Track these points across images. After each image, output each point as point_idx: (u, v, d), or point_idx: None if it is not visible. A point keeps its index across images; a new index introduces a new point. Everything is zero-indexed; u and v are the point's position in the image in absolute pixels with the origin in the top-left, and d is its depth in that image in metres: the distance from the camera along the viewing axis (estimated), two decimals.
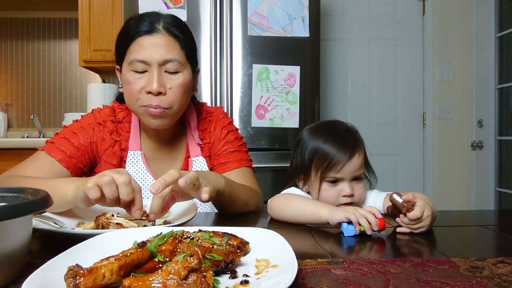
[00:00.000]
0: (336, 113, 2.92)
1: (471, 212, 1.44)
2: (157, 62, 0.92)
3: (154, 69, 0.92)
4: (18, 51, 3.18)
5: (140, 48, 0.93)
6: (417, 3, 2.91)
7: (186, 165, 1.08)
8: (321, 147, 0.92)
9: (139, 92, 0.94)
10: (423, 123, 2.94)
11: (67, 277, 0.41)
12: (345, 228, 0.73)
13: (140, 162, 1.04)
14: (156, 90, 0.92)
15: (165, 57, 0.93)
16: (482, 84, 2.77)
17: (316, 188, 0.93)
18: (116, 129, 1.05)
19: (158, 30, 0.94)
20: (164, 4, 2.13)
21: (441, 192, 2.91)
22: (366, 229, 0.72)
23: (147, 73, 0.93)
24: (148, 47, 0.92)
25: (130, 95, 0.96)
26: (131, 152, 1.04)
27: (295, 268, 0.45)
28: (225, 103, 2.15)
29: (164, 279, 0.41)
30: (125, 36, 0.96)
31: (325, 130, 0.96)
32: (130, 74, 0.94)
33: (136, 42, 0.94)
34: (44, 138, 2.98)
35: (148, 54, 0.92)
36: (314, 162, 0.93)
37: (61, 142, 0.99)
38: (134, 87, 0.94)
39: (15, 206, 0.46)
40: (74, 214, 0.83)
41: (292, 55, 2.17)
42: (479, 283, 0.48)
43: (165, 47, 0.93)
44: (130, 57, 0.94)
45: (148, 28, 0.93)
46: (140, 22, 0.95)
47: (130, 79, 0.94)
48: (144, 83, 0.93)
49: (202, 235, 0.55)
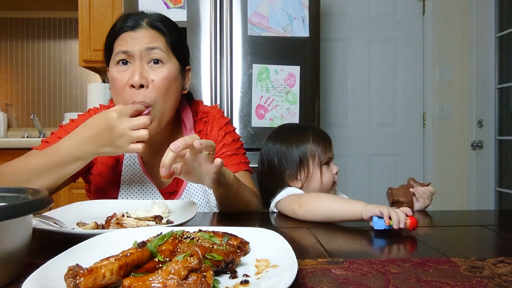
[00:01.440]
0: (336, 113, 2.92)
1: (471, 212, 1.44)
2: (139, 51, 0.91)
3: (137, 60, 0.91)
4: (18, 51, 3.18)
5: (123, 42, 0.93)
6: (417, 3, 2.91)
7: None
8: (308, 139, 1.06)
9: (123, 89, 0.91)
10: (423, 123, 2.94)
11: (67, 277, 0.41)
12: (376, 222, 0.75)
13: (137, 164, 1.02)
14: (138, 82, 0.89)
15: (147, 45, 0.91)
16: (482, 84, 2.77)
17: (318, 175, 1.05)
18: None
19: (142, 26, 0.94)
20: (164, 4, 2.13)
21: (441, 192, 2.91)
22: (395, 223, 0.74)
23: (130, 67, 0.92)
24: (131, 40, 0.92)
25: (116, 94, 0.94)
26: (128, 154, 1.02)
27: (295, 268, 0.45)
28: (225, 103, 2.15)
29: (164, 279, 0.41)
30: (111, 35, 0.96)
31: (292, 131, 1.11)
32: (114, 69, 0.93)
33: (120, 38, 0.94)
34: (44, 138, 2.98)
35: (130, 45, 0.91)
36: (309, 152, 1.04)
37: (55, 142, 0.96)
38: (118, 83, 0.92)
39: (15, 206, 0.46)
40: (74, 214, 0.83)
41: (292, 55, 2.17)
42: (479, 283, 0.48)
43: (148, 37, 0.93)
44: (114, 52, 0.93)
45: (132, 24, 0.93)
46: (124, 20, 0.95)
47: (114, 75, 0.93)
48: (127, 77, 0.91)
49: (202, 235, 0.55)
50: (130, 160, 1.03)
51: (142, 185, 1.02)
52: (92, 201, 0.93)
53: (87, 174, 1.05)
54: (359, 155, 2.90)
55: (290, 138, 1.08)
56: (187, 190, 1.05)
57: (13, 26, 3.16)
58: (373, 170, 2.92)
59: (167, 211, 0.84)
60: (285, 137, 1.09)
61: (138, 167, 1.02)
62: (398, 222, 0.74)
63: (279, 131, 1.14)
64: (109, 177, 1.02)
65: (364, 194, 2.84)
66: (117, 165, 1.02)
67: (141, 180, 1.02)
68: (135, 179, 1.02)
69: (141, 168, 1.02)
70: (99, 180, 1.03)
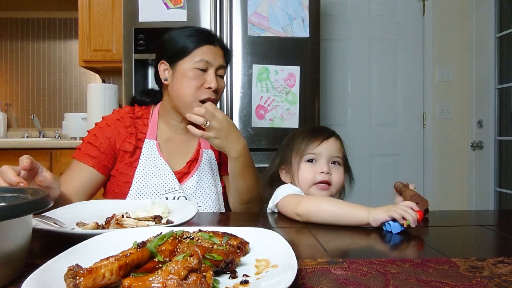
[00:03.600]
0: (336, 113, 2.92)
1: (471, 212, 1.44)
2: (217, 65, 1.14)
3: (213, 70, 1.13)
4: (18, 51, 3.18)
5: (204, 52, 1.13)
6: (417, 3, 2.91)
7: (197, 155, 1.20)
8: (299, 132, 1.06)
9: (199, 88, 1.12)
10: (423, 123, 2.94)
11: (67, 277, 0.41)
12: (392, 226, 0.75)
13: (155, 149, 1.16)
14: (216, 87, 1.12)
15: (221, 63, 1.16)
16: (482, 84, 2.77)
17: (296, 170, 1.01)
18: (133, 124, 1.18)
19: (217, 44, 1.17)
20: (164, 4, 2.13)
21: (441, 192, 2.91)
22: (411, 222, 0.74)
23: (206, 74, 1.13)
24: (211, 53, 1.14)
25: (189, 89, 1.11)
26: (148, 140, 1.17)
27: (295, 268, 0.45)
28: (225, 103, 2.15)
29: (164, 279, 0.41)
30: (188, 40, 1.13)
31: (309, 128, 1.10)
32: (193, 71, 1.11)
33: (202, 48, 1.13)
34: (44, 138, 2.99)
35: (211, 58, 1.13)
36: (294, 145, 1.03)
37: (86, 147, 1.14)
38: (196, 83, 1.11)
39: (15, 206, 0.46)
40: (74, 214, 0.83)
41: (292, 55, 2.17)
42: (479, 283, 0.48)
43: (221, 56, 1.17)
44: (197, 58, 1.12)
45: (212, 40, 1.16)
46: (204, 33, 1.17)
47: (192, 75, 1.11)
48: (203, 81, 1.12)
49: (202, 235, 0.55)
50: (149, 145, 1.16)
51: (158, 167, 1.14)
52: (92, 201, 0.93)
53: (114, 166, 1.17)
54: (359, 155, 2.89)
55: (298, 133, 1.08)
56: (198, 172, 1.17)
57: (13, 26, 3.16)
58: (373, 170, 2.92)
59: (167, 211, 0.84)
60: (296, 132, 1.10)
61: (156, 151, 1.16)
62: (414, 221, 0.75)
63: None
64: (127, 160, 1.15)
65: (364, 194, 2.84)
66: (135, 151, 1.15)
67: (157, 163, 1.15)
68: (152, 161, 1.15)
69: (158, 153, 1.16)
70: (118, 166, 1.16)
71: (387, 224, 0.76)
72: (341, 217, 0.81)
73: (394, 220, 0.76)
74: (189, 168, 1.18)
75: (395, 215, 0.75)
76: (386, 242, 0.71)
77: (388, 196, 1.16)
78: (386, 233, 0.76)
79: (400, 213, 0.75)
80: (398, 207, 0.77)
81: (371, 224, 0.78)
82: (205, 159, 1.21)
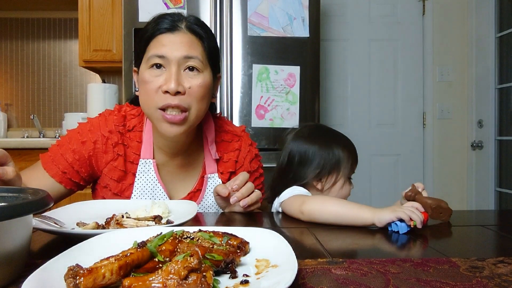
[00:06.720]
0: (336, 113, 2.92)
1: (471, 212, 1.44)
2: (177, 58, 0.87)
3: (173, 66, 0.87)
4: (18, 51, 3.18)
5: (159, 45, 0.88)
6: (417, 3, 2.91)
7: (201, 183, 1.04)
8: (346, 148, 1.09)
9: (156, 92, 0.87)
10: (423, 123, 2.94)
11: (67, 277, 0.41)
12: (399, 226, 0.75)
13: (152, 172, 0.98)
14: (174, 89, 0.85)
15: (187, 53, 0.88)
16: (482, 84, 2.77)
17: (339, 186, 1.05)
18: (122, 141, 0.98)
19: (180, 29, 0.90)
20: (164, 4, 2.13)
21: (441, 192, 2.91)
22: (418, 223, 0.75)
23: (165, 72, 0.88)
24: (168, 44, 0.88)
25: (146, 96, 0.89)
26: (143, 160, 0.98)
27: (295, 268, 0.45)
28: (225, 103, 2.15)
29: (164, 279, 0.41)
30: (144, 34, 0.92)
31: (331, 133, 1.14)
32: (147, 72, 0.89)
33: (156, 39, 0.89)
34: (44, 138, 2.98)
35: (168, 50, 0.87)
36: (345, 161, 1.06)
37: (57, 157, 0.95)
38: (151, 86, 0.87)
39: (15, 206, 0.46)
40: (74, 214, 0.83)
41: (292, 55, 2.17)
42: (479, 283, 0.48)
43: (187, 44, 0.89)
44: (149, 54, 0.89)
45: (169, 26, 0.90)
46: (161, 20, 0.91)
47: (146, 78, 0.88)
48: (161, 82, 0.87)
49: (202, 235, 0.55)
50: (145, 166, 0.98)
51: (155, 192, 0.99)
52: (92, 201, 0.93)
53: (93, 185, 1.04)
54: (358, 155, 2.89)
55: (326, 140, 1.08)
56: (202, 204, 1.04)
57: (13, 26, 3.16)
58: (373, 170, 2.92)
59: (167, 211, 0.84)
60: (321, 138, 1.09)
61: (153, 174, 0.98)
62: (421, 222, 0.76)
63: (316, 129, 1.15)
64: (116, 189, 0.99)
65: (364, 194, 2.84)
66: (125, 176, 0.98)
67: (154, 188, 0.99)
68: (148, 186, 0.98)
69: (155, 175, 0.99)
70: (106, 193, 1.00)
71: (393, 224, 0.76)
72: (346, 217, 0.81)
73: (400, 221, 0.76)
74: (191, 200, 1.00)
75: (403, 216, 0.75)
76: (386, 242, 0.71)
77: (388, 196, 1.17)
78: (391, 233, 0.75)
79: (407, 214, 0.75)
80: (405, 208, 0.77)
81: (376, 224, 0.78)
82: (210, 187, 1.02)
